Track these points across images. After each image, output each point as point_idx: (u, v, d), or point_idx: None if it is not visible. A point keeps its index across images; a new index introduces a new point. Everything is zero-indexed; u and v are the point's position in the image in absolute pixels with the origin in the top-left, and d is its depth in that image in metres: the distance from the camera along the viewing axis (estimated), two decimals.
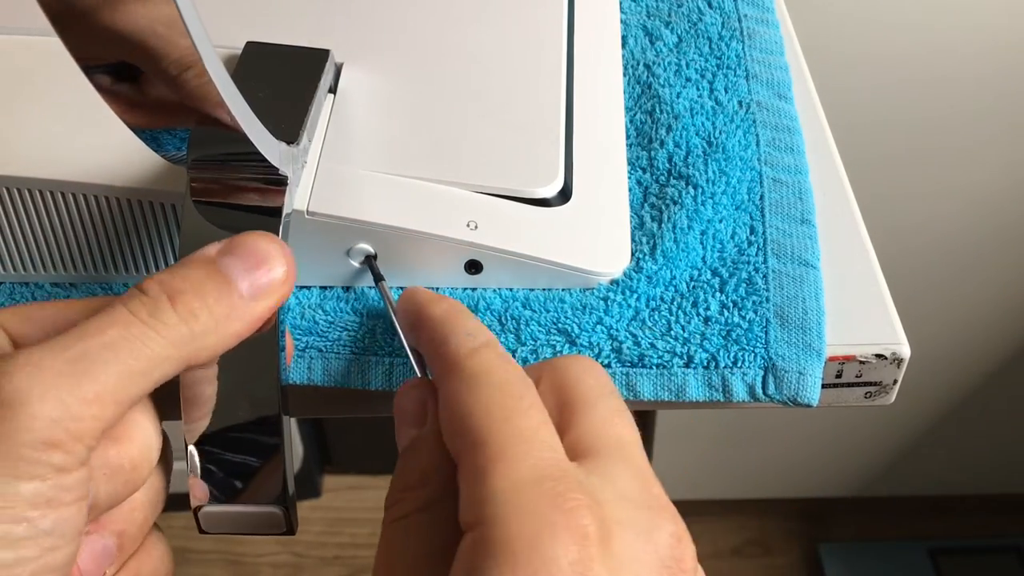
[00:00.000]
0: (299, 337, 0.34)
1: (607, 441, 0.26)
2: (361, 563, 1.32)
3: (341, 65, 0.38)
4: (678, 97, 0.41)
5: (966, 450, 1.34)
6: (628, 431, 0.26)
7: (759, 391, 0.33)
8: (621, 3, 0.46)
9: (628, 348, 0.33)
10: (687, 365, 0.33)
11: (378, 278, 0.34)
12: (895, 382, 0.35)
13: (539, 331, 0.33)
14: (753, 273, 0.35)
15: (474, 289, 0.35)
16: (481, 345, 0.27)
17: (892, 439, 1.32)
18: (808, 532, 1.40)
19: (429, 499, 0.26)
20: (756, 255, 0.35)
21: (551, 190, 0.35)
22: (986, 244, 1.08)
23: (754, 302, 0.34)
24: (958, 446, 1.33)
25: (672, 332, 0.33)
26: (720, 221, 0.36)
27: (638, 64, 0.43)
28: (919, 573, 1.35)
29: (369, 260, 0.34)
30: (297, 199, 0.33)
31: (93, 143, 0.34)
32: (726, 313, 0.34)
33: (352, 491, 1.37)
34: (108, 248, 0.35)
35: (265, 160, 0.29)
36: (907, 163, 1.01)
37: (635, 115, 0.41)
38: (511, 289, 0.35)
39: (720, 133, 0.40)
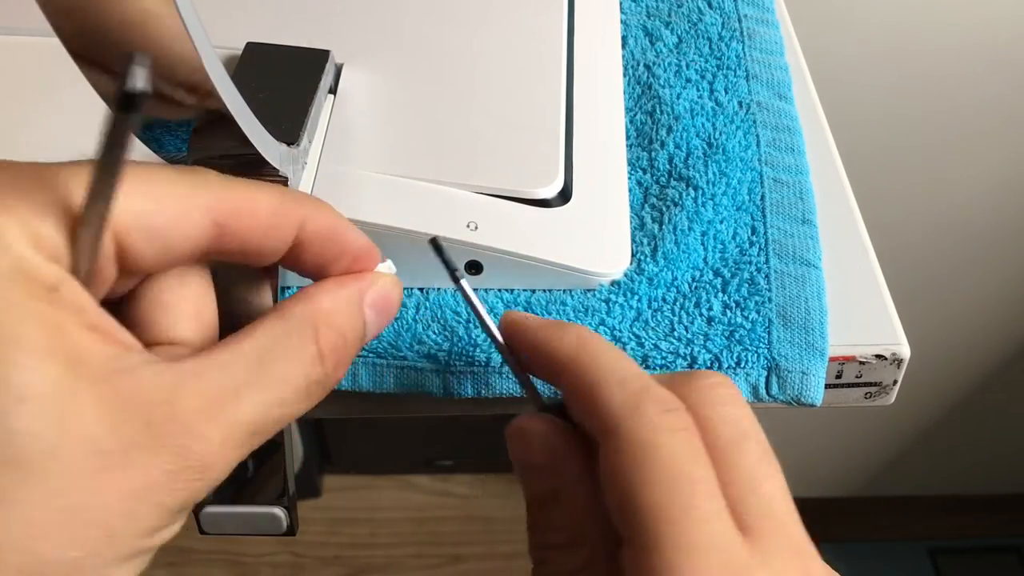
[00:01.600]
0: None
1: (763, 511, 0.24)
2: (361, 563, 1.32)
3: (341, 66, 0.38)
4: (678, 98, 0.41)
5: (966, 450, 1.34)
6: (778, 491, 0.25)
7: (763, 392, 0.33)
8: (621, 3, 0.46)
9: (632, 350, 0.33)
10: (691, 366, 0.33)
11: (454, 273, 0.28)
12: (895, 382, 0.35)
13: None
14: (755, 273, 0.35)
15: (475, 290, 0.35)
16: (639, 395, 0.24)
17: (892, 439, 1.32)
18: (808, 532, 1.40)
19: (581, 567, 0.24)
20: (758, 255, 0.35)
21: (551, 191, 0.35)
22: (986, 245, 1.08)
23: (757, 302, 0.34)
24: (958, 446, 1.33)
25: (675, 333, 0.33)
26: (721, 222, 0.36)
27: (638, 65, 0.43)
28: (919, 573, 1.35)
29: (436, 242, 0.28)
30: None
31: (93, 143, 0.33)
32: (729, 313, 0.34)
33: (352, 491, 1.37)
34: None
35: (265, 161, 0.29)
36: (907, 163, 1.01)
37: (635, 116, 0.41)
38: (512, 292, 0.35)
39: (720, 134, 0.40)
